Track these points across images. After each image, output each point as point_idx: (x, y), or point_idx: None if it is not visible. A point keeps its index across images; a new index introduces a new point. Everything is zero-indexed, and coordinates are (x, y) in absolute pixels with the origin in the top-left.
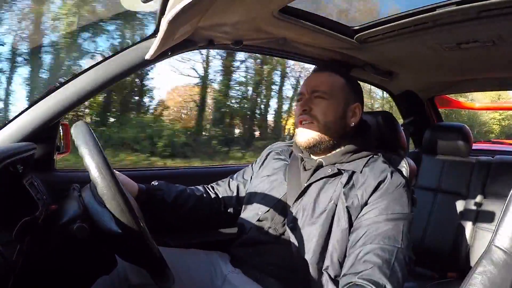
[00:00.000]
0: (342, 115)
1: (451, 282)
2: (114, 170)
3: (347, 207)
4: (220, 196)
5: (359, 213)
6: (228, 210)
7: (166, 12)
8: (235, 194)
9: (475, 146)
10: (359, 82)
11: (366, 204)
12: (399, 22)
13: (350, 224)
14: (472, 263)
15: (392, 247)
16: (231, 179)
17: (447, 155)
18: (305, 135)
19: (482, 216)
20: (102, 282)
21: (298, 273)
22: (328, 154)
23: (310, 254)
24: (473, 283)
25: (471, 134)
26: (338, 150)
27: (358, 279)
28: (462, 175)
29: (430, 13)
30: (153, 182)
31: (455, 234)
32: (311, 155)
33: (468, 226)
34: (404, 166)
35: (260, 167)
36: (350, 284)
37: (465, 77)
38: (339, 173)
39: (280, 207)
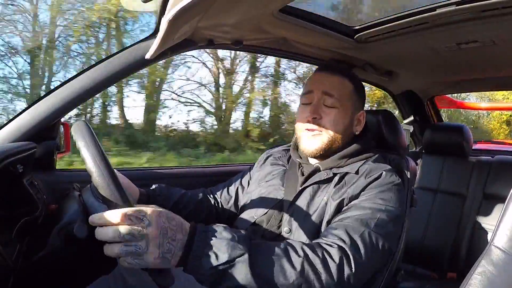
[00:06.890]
0: (349, 124)
1: (451, 282)
2: (117, 172)
3: (336, 204)
4: (219, 201)
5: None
6: (226, 215)
7: (166, 11)
8: (233, 199)
9: (475, 146)
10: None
11: (355, 199)
12: (399, 22)
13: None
14: (472, 263)
15: (360, 227)
16: (229, 184)
17: (447, 155)
18: (313, 145)
19: (482, 216)
20: (101, 282)
21: None
22: (326, 159)
23: None
24: (472, 283)
25: (471, 134)
26: (336, 154)
27: (323, 239)
28: (462, 175)
29: (430, 13)
30: (153, 186)
31: (455, 234)
32: (309, 159)
33: (468, 226)
34: (404, 166)
35: (258, 171)
36: (315, 242)
37: (465, 77)
38: (334, 176)
39: (275, 211)
